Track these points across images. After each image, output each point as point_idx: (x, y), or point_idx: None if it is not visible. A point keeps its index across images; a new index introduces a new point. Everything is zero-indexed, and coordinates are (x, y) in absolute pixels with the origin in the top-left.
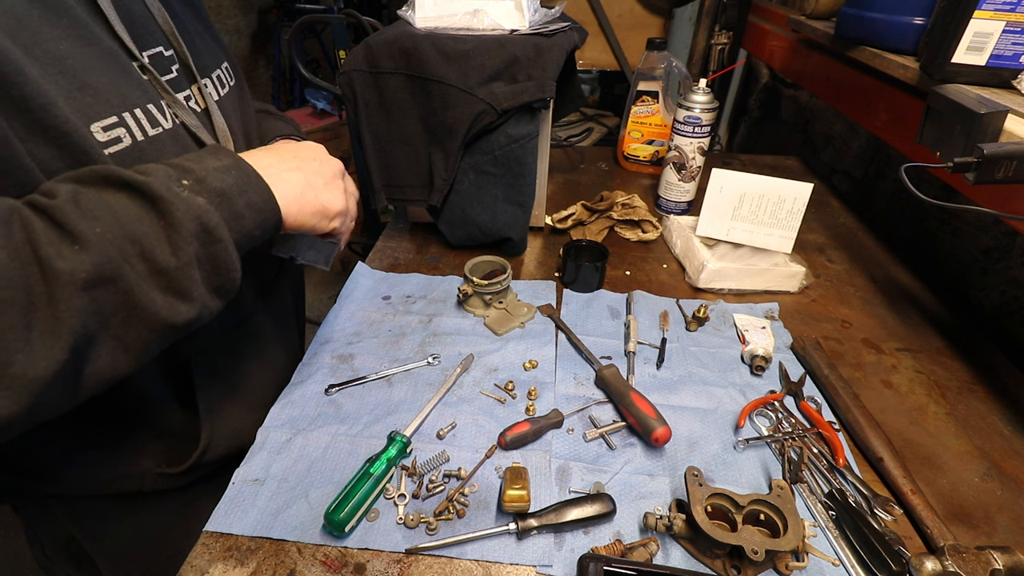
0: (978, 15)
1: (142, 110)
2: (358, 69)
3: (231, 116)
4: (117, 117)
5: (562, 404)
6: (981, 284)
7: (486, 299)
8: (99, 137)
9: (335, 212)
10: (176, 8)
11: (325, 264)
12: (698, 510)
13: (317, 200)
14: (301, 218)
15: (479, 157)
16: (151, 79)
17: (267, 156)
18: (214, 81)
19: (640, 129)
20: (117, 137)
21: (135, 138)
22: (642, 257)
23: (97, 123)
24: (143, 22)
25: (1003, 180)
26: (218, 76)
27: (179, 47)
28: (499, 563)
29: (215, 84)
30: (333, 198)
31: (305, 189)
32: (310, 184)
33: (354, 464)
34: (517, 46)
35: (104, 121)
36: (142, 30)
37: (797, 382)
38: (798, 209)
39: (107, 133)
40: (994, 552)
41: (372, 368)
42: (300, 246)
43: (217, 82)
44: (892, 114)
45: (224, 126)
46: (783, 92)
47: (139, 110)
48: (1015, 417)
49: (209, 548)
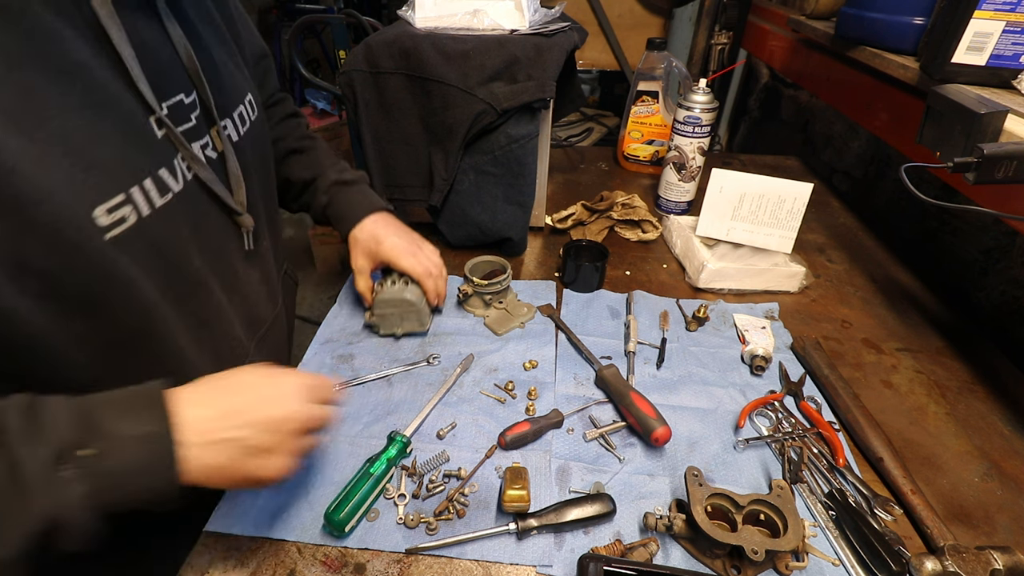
0: (978, 15)
1: (153, 179)
2: (358, 69)
3: (249, 155)
4: (124, 195)
5: (562, 404)
6: (981, 284)
7: (486, 299)
8: (101, 222)
9: (265, 480)
10: (205, 37)
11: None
12: (698, 510)
13: (243, 471)
14: (212, 483)
15: (479, 157)
16: (168, 133)
17: (212, 410)
18: (235, 120)
19: (640, 129)
20: (121, 218)
21: (140, 215)
22: (642, 257)
23: (101, 206)
24: (169, 68)
25: (1003, 180)
26: (240, 114)
27: (202, 89)
28: (499, 563)
29: (235, 123)
30: (268, 466)
31: (233, 460)
32: (245, 453)
33: (354, 464)
34: (517, 46)
35: (110, 202)
36: (165, 78)
37: (797, 382)
38: (798, 209)
39: (111, 215)
40: (994, 552)
41: (372, 368)
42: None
43: (238, 120)
44: (892, 114)
45: (238, 172)
46: (783, 92)
47: (150, 180)
48: (1015, 417)
49: (209, 548)
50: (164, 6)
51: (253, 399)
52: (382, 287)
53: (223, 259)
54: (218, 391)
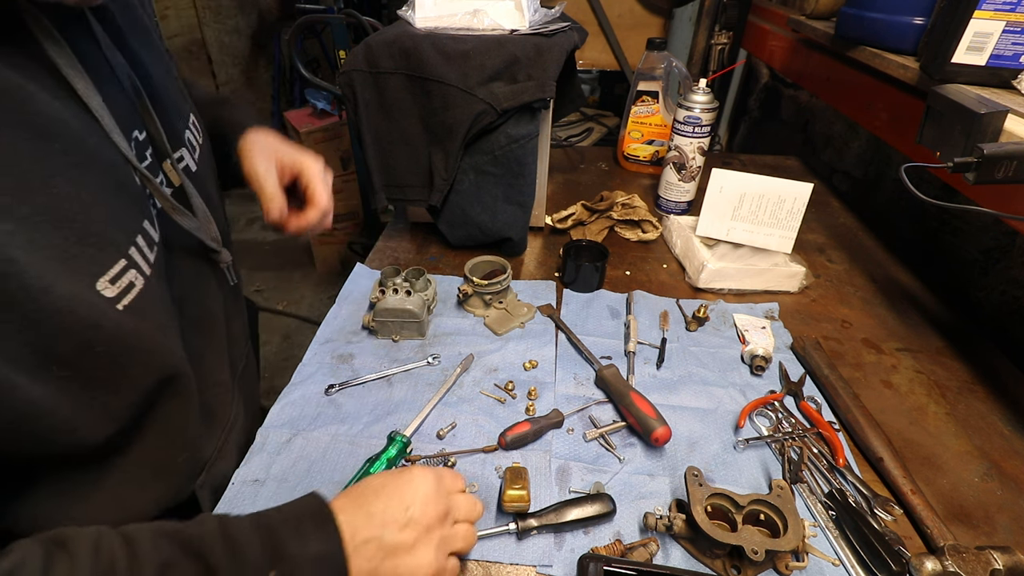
0: (978, 15)
1: (142, 234)
2: (358, 69)
3: (208, 182)
4: (125, 259)
5: (562, 404)
6: (981, 284)
7: (486, 299)
8: (107, 294)
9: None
10: (144, 60)
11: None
12: (698, 510)
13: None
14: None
15: (479, 157)
16: (144, 181)
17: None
18: (188, 147)
19: (640, 129)
20: (129, 284)
21: (146, 275)
22: (642, 257)
23: (103, 278)
24: (123, 109)
25: (1003, 180)
26: (189, 139)
27: (152, 124)
28: (499, 563)
29: (189, 150)
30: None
31: (378, 562)
32: (387, 553)
33: (354, 464)
34: (517, 46)
35: (111, 272)
36: (124, 116)
37: (797, 382)
38: (798, 209)
39: (116, 285)
40: (994, 552)
41: (372, 368)
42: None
43: (190, 146)
44: (892, 114)
45: (203, 205)
46: (783, 92)
47: (140, 236)
48: (1015, 417)
49: None
50: (104, 36)
51: (387, 498)
52: (383, 295)
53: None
54: (363, 497)
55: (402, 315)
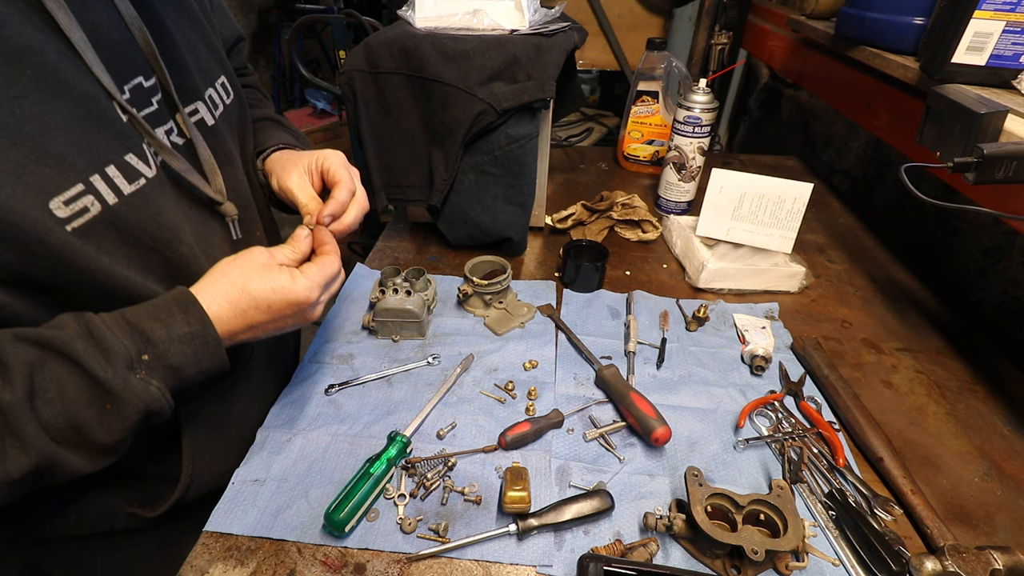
0: (978, 15)
1: (118, 165)
2: (358, 69)
3: (227, 139)
4: (83, 184)
5: (562, 404)
6: (981, 284)
7: (486, 299)
8: (59, 214)
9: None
10: (167, 19)
11: None
12: (698, 510)
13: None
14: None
15: (479, 157)
16: (132, 120)
17: (239, 317)
18: (207, 102)
19: (640, 129)
20: (83, 208)
21: (106, 203)
22: (642, 257)
23: (57, 198)
24: (123, 49)
25: (1003, 180)
26: (210, 96)
27: (161, 74)
28: (499, 563)
29: (208, 106)
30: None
31: (260, 337)
32: (267, 335)
33: (354, 464)
34: (517, 46)
35: (66, 194)
36: (121, 59)
37: (797, 382)
38: (798, 209)
39: (69, 207)
40: (994, 552)
41: (372, 368)
42: None
43: (210, 103)
44: (892, 114)
45: (211, 160)
46: (783, 92)
47: (113, 167)
48: (1015, 417)
49: (209, 548)
50: None
51: (265, 312)
52: (383, 295)
53: (211, 248)
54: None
55: (402, 315)
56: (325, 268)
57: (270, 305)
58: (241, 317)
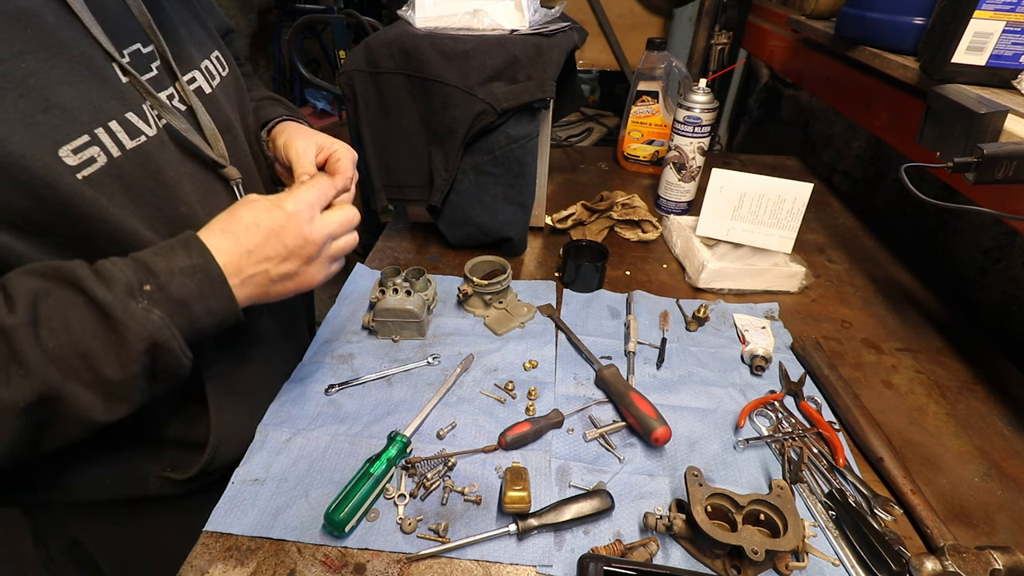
0: (978, 15)
1: (119, 121)
2: (358, 69)
3: (225, 108)
4: (89, 135)
5: (562, 404)
6: (981, 284)
7: (486, 299)
8: (69, 162)
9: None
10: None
11: None
12: (698, 510)
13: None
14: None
15: (479, 157)
16: (132, 81)
17: (238, 244)
18: (203, 72)
19: (640, 129)
20: (90, 158)
21: (111, 155)
22: (642, 257)
23: (66, 146)
24: (118, 17)
25: (1003, 180)
26: (207, 67)
27: (158, 42)
28: (499, 563)
29: (205, 75)
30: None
31: (264, 290)
32: (271, 283)
33: (354, 464)
34: (517, 46)
35: (74, 143)
36: (117, 27)
37: (797, 382)
38: (798, 209)
39: (78, 156)
40: (994, 552)
41: (372, 368)
42: None
43: (207, 73)
44: (892, 114)
45: (212, 125)
46: (783, 92)
47: (115, 122)
48: (1015, 417)
49: (209, 548)
50: None
51: (263, 236)
52: (383, 295)
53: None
54: (238, 233)
55: (402, 315)
56: (314, 187)
57: (258, 224)
58: (236, 241)
